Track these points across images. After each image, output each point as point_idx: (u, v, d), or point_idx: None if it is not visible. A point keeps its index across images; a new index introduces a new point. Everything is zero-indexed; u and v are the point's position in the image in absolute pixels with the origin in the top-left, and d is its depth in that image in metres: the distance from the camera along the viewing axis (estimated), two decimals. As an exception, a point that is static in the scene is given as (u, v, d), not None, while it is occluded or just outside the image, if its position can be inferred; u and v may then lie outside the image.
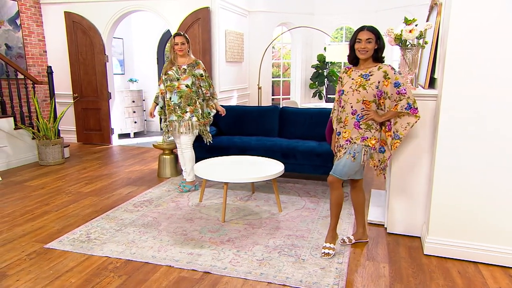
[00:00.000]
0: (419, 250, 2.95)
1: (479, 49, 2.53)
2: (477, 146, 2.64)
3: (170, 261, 2.75)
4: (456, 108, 2.64)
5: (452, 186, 2.74)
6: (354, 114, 2.70)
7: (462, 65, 2.59)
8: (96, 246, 2.99)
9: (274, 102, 8.80)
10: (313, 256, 2.82)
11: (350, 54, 2.75)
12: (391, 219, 3.21)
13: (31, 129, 5.60)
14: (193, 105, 4.16)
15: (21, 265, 2.73)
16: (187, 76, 4.10)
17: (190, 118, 4.15)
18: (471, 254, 2.76)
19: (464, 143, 2.66)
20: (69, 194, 4.26)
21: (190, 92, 4.12)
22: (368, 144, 2.70)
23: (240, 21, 7.36)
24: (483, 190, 2.68)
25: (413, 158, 3.02)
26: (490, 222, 2.70)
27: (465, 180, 2.71)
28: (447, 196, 2.77)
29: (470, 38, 2.54)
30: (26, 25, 6.55)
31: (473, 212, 2.73)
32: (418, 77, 3.49)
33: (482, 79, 2.56)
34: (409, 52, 2.97)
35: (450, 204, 2.77)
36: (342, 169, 2.73)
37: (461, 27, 2.55)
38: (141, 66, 8.41)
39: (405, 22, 2.93)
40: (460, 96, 2.62)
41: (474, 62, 2.56)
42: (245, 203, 3.94)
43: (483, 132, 2.61)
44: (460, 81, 2.60)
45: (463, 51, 2.57)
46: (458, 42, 2.57)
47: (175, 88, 4.12)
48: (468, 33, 2.54)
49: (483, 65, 2.54)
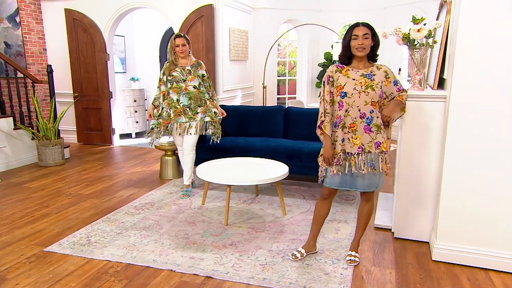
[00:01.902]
0: (427, 255, 2.96)
1: (489, 48, 2.54)
2: (488, 148, 2.64)
3: (172, 265, 2.78)
4: (466, 109, 2.65)
5: (461, 190, 2.75)
6: (363, 118, 2.56)
7: (472, 65, 2.59)
8: (96, 249, 3.03)
9: (279, 102, 8.81)
10: (318, 261, 2.84)
11: (344, 53, 2.62)
12: (398, 223, 3.22)
13: (31, 129, 5.66)
14: (204, 105, 4.25)
15: (21, 268, 2.77)
16: (193, 77, 4.18)
17: (203, 118, 4.22)
18: (481, 260, 2.76)
19: (474, 145, 2.67)
20: (69, 196, 4.31)
21: (199, 93, 4.21)
22: (382, 149, 2.59)
23: (245, 19, 7.39)
24: (494, 193, 2.68)
25: (421, 161, 3.03)
26: (502, 227, 2.70)
27: (475, 183, 2.71)
28: (457, 199, 2.77)
29: (480, 37, 2.55)
30: (25, 23, 6.63)
31: (484, 216, 2.73)
32: (427, 77, 3.51)
33: (492, 79, 2.56)
34: (417, 52, 2.98)
35: (459, 208, 2.78)
36: (362, 182, 2.64)
37: (470, 25, 2.55)
38: (143, 64, 8.47)
39: (413, 21, 2.94)
40: (470, 96, 2.63)
41: (485, 62, 2.56)
42: (248, 206, 3.97)
43: (494, 134, 2.61)
44: (470, 82, 2.61)
45: (473, 50, 2.57)
46: (468, 41, 2.58)
47: (182, 90, 4.16)
48: (478, 32, 2.54)
49: (494, 65, 2.54)
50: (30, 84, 6.08)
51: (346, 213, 3.78)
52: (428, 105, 2.93)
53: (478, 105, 2.62)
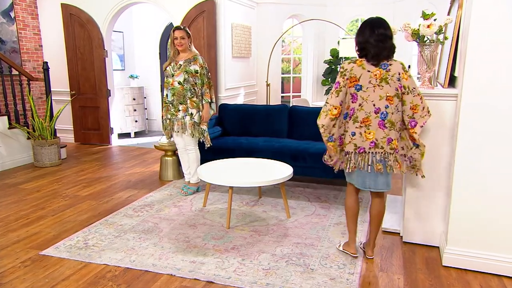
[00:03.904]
0: (437, 261, 2.95)
1: (503, 45, 2.52)
2: (501, 149, 2.63)
3: (172, 270, 2.79)
4: (478, 109, 2.64)
5: (473, 192, 2.74)
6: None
7: (485, 62, 2.58)
8: (94, 253, 3.04)
9: (283, 100, 8.81)
10: (323, 266, 2.84)
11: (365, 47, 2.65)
12: (407, 227, 3.21)
13: (26, 129, 5.69)
14: (185, 103, 4.19)
15: (15, 273, 2.79)
16: (180, 72, 4.14)
17: (183, 117, 4.21)
18: (494, 266, 2.75)
19: (487, 146, 2.66)
20: (66, 197, 4.33)
21: (182, 90, 4.16)
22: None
23: (248, 14, 7.40)
24: (508, 196, 2.66)
25: (431, 162, 3.02)
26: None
27: (488, 185, 2.70)
28: (468, 202, 2.77)
29: (493, 33, 2.53)
30: (20, 18, 6.66)
31: (497, 220, 2.72)
32: (438, 75, 3.50)
33: (506, 77, 2.55)
34: (427, 48, 2.98)
35: (471, 211, 2.77)
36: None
37: (483, 21, 2.54)
38: (142, 61, 8.50)
39: (423, 16, 2.94)
40: (482, 95, 2.61)
41: (498, 59, 2.55)
42: (251, 209, 3.98)
43: (507, 134, 2.60)
44: (483, 80, 2.60)
45: (486, 47, 2.56)
46: (481, 37, 2.56)
47: (169, 85, 4.21)
48: (491, 27, 2.53)
49: (508, 62, 2.53)
50: (25, 81, 6.12)
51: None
52: (439, 104, 2.93)
53: (491, 104, 2.61)
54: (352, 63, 2.68)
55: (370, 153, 2.65)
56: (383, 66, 2.62)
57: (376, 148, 2.63)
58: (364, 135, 2.64)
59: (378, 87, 2.61)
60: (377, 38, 2.59)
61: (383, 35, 2.59)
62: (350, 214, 2.94)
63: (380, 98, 2.61)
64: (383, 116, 2.61)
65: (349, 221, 2.96)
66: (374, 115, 2.62)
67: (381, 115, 2.61)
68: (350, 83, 2.66)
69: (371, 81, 2.62)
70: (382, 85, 2.60)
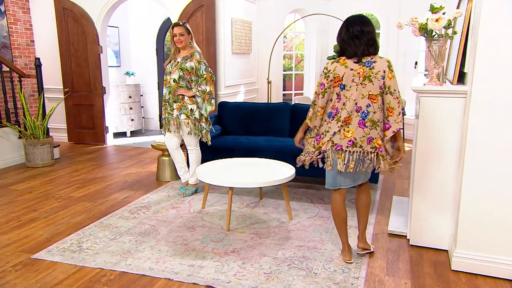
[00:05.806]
0: (446, 265, 2.95)
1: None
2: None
3: (169, 274, 2.78)
4: (489, 106, 2.63)
5: (483, 193, 2.73)
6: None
7: (496, 58, 2.57)
8: (88, 256, 3.04)
9: (285, 98, 8.81)
10: (327, 270, 2.84)
11: None
12: (414, 229, 3.20)
13: (18, 128, 5.69)
14: (180, 101, 4.19)
15: (6, 277, 2.78)
16: (175, 69, 4.15)
17: (178, 116, 4.21)
18: (505, 270, 2.74)
19: (497, 145, 2.65)
20: (59, 199, 4.33)
21: (176, 87, 4.17)
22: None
23: (248, 8, 7.40)
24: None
25: (439, 162, 3.01)
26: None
27: (499, 185, 2.69)
28: (478, 204, 2.76)
29: (505, 27, 2.52)
30: (11, 12, 6.66)
31: (508, 222, 2.71)
32: (446, 71, 3.49)
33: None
34: (436, 43, 2.97)
35: (481, 213, 2.76)
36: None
37: (494, 14, 2.53)
38: (138, 57, 8.50)
39: (431, 10, 2.93)
40: (493, 92, 2.61)
41: (510, 54, 2.54)
42: (252, 210, 3.97)
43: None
44: (494, 76, 2.59)
45: (497, 42, 2.55)
46: (492, 32, 2.56)
47: (167, 83, 4.23)
48: (503, 21, 2.52)
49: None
50: (16, 78, 6.10)
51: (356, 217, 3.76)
52: (447, 101, 2.92)
53: (503, 102, 2.60)
54: (336, 63, 2.73)
55: (347, 152, 2.69)
56: (367, 63, 2.66)
57: (354, 147, 2.68)
58: (343, 133, 2.70)
59: (361, 85, 2.65)
60: (351, 36, 2.68)
61: (359, 31, 2.66)
62: (341, 221, 2.95)
63: (362, 96, 2.66)
64: (363, 115, 2.67)
65: (339, 228, 2.98)
66: (355, 113, 2.68)
67: (362, 114, 2.67)
68: (335, 83, 2.71)
69: (354, 80, 2.66)
70: (365, 83, 2.65)
